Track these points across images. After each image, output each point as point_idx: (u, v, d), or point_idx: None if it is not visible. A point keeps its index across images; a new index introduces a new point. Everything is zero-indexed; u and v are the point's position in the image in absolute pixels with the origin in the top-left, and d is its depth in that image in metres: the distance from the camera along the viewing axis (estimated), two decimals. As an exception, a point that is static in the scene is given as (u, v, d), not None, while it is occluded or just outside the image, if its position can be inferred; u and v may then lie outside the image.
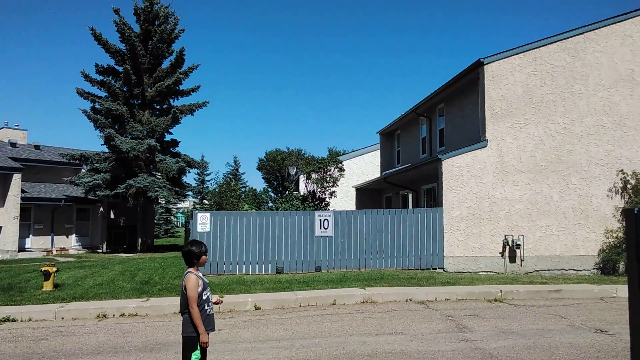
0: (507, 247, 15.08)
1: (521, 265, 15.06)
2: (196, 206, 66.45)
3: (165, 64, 29.69)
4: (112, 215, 31.07)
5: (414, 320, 9.40)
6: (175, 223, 65.78)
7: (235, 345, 7.80)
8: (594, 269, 15.20)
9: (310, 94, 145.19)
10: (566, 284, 12.79)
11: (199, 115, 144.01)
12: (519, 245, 14.93)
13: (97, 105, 27.91)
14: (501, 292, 11.70)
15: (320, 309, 10.68)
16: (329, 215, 15.18)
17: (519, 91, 15.44)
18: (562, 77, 15.58)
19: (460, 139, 17.22)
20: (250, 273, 14.63)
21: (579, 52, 15.68)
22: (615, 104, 15.64)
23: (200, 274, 4.85)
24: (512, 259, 15.11)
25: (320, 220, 15.00)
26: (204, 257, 4.87)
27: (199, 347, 4.64)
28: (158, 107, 29.60)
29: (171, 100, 29.77)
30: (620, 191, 15.51)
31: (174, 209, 57.47)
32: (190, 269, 4.80)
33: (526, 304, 10.93)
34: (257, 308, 10.80)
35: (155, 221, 41.54)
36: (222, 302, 5.03)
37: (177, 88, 29.23)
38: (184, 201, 47.51)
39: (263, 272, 14.69)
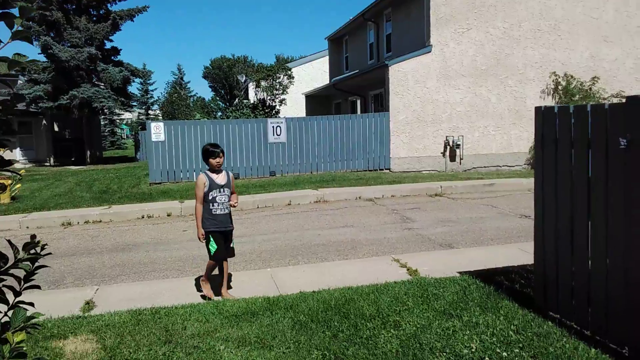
0: (448, 147, 16.18)
1: (460, 164, 16.29)
2: (141, 117, 64.78)
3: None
4: (56, 128, 30.23)
5: (363, 215, 10.37)
6: (120, 135, 64.28)
7: (199, 243, 8.50)
8: (525, 164, 16.63)
9: (254, 1, 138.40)
10: (499, 179, 14.10)
11: (140, 22, 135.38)
12: (459, 145, 16.06)
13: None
14: (441, 187, 12.84)
15: (276, 210, 11.47)
16: (282, 122, 15.65)
17: (463, -5, 15.78)
18: (504, -19, 15.97)
19: (407, 45, 17.63)
20: (207, 180, 15.15)
21: (521, -44, 15.98)
22: (551, 8, 16.30)
23: (216, 176, 5.15)
24: (453, 158, 16.29)
25: (273, 127, 15.48)
26: (212, 159, 5.13)
27: (211, 239, 5.12)
28: (95, 12, 28.03)
29: (109, 5, 28.18)
30: (552, 92, 16.63)
31: (117, 120, 55.94)
32: (206, 171, 5.23)
33: (463, 197, 12.12)
34: (217, 211, 11.46)
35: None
36: (235, 205, 5.27)
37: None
38: (129, 112, 46.32)
39: (219, 179, 15.25)
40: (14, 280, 1.60)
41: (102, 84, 27.33)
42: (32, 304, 1.57)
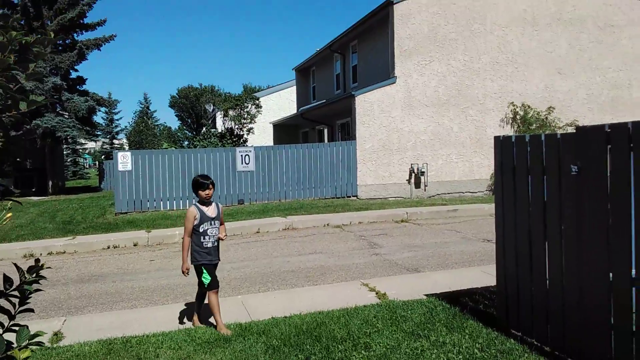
0: (413, 174, 16.58)
1: (425, 190, 16.68)
2: (105, 146, 63.78)
3: (65, -6, 27.60)
4: (17, 158, 29.52)
5: (331, 241, 10.50)
6: (83, 164, 63.02)
7: (170, 272, 8.46)
8: (486, 190, 17.15)
9: (222, 30, 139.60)
10: (462, 204, 14.51)
11: (106, 50, 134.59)
12: (423, 172, 16.48)
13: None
14: (407, 213, 13.12)
15: (245, 238, 11.49)
16: (250, 151, 15.77)
17: (425, 30, 16.44)
18: (463, 16, 16.73)
19: (372, 76, 18.15)
20: (175, 209, 15.07)
21: (479, -7, 16.83)
22: (508, 42, 17.13)
23: (206, 208, 5.06)
24: (417, 184, 16.68)
25: (242, 156, 15.57)
26: (201, 191, 5.04)
27: (204, 271, 5.05)
28: (61, 42, 27.80)
29: (75, 35, 28.01)
30: (510, 121, 17.33)
31: (80, 150, 54.90)
32: (196, 203, 5.14)
33: (428, 223, 12.41)
34: (185, 240, 11.40)
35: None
36: (224, 238, 5.21)
37: (81, 21, 27.48)
38: (94, 141, 45.56)
39: (187, 208, 15.16)
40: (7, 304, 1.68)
41: (67, 113, 26.95)
42: (26, 326, 1.65)
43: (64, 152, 42.33)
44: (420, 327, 4.64)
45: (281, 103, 33.83)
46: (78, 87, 28.58)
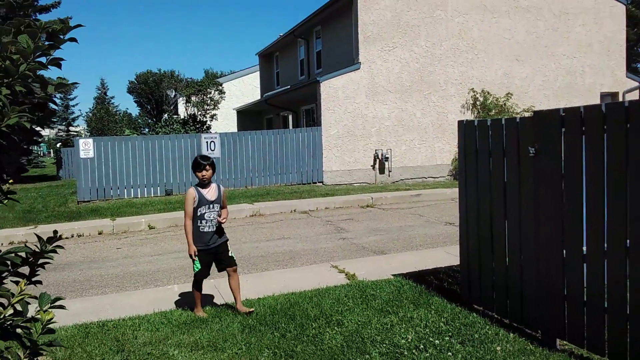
0: (378, 160, 16.88)
1: (389, 176, 17.02)
2: (60, 133, 61.76)
3: (16, -25, 26.52)
4: (-32, 147, 28.36)
5: (299, 227, 10.66)
6: (38, 152, 60.95)
7: (138, 259, 8.46)
8: (448, 175, 17.63)
9: (183, 14, 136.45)
10: (425, 189, 14.90)
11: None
12: (387, 158, 16.79)
13: None
14: (372, 198, 13.40)
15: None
16: (215, 137, 15.71)
17: (389, 16, 16.64)
18: (425, 2, 17.00)
19: (336, 61, 18.27)
20: (139, 196, 14.90)
21: (440, -20, 17.12)
22: (469, 29, 17.53)
23: (205, 190, 4.92)
24: (382, 170, 16.99)
25: (207, 142, 15.50)
26: (197, 172, 4.89)
27: (196, 259, 4.89)
28: (12, 25, 26.75)
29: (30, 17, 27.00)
30: (471, 107, 17.81)
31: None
32: (196, 185, 4.99)
33: (392, 207, 12.72)
34: (151, 227, 11.36)
35: (18, 151, 38.31)
36: (223, 221, 4.94)
37: (36, 3, 26.51)
38: (50, 128, 44.15)
39: (152, 195, 15.04)
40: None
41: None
42: (46, 293, 1.79)
43: (19, 140, 40.78)
44: (389, 304, 4.87)
45: (244, 89, 33.58)
46: (33, 72, 27.63)
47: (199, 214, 4.89)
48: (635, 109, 3.22)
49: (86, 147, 14.24)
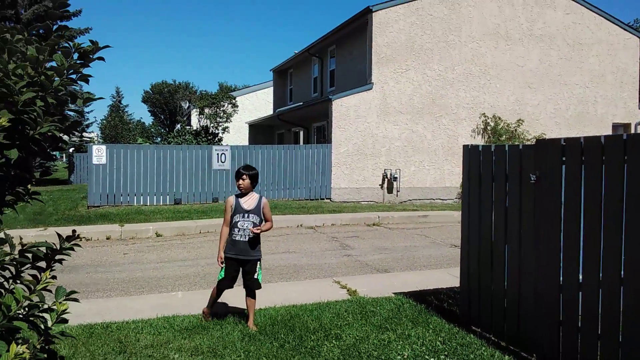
0: (386, 179, 16.98)
1: (397, 196, 17.10)
2: (73, 139, 62.64)
3: (42, -17, 27.23)
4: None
5: (305, 241, 10.76)
6: (53, 162, 61.68)
7: (144, 265, 8.59)
8: (456, 198, 17.67)
9: (200, 27, 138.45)
10: (432, 211, 14.95)
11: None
12: (396, 178, 16.89)
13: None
14: (379, 217, 13.48)
15: (219, 235, 11.64)
16: (226, 150, 15.92)
17: (402, 39, 16.88)
18: (440, 27, 17.24)
19: (349, 81, 18.50)
20: (148, 204, 15.09)
21: (455, 5, 17.36)
22: (482, 54, 17.72)
23: (243, 199, 4.92)
24: (390, 190, 17.08)
25: (218, 154, 15.71)
26: (237, 180, 4.95)
27: (222, 267, 4.94)
28: (34, 32, 27.36)
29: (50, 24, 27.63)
30: (481, 132, 17.92)
31: (50, 142, 53.62)
32: (236, 193, 5.04)
33: (399, 227, 12.79)
34: (158, 235, 11.51)
35: (32, 154, 38.90)
36: (257, 231, 4.84)
37: (57, 11, 27.12)
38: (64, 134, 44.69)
39: (161, 203, 15.23)
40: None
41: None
42: (62, 286, 1.93)
43: (33, 143, 41.43)
44: (388, 321, 4.94)
45: (258, 103, 33.95)
46: (51, 77, 28.17)
47: (233, 221, 4.91)
48: (633, 142, 3.32)
49: (99, 154, 14.49)
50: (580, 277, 3.77)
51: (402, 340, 4.44)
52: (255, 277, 4.97)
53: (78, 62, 1.90)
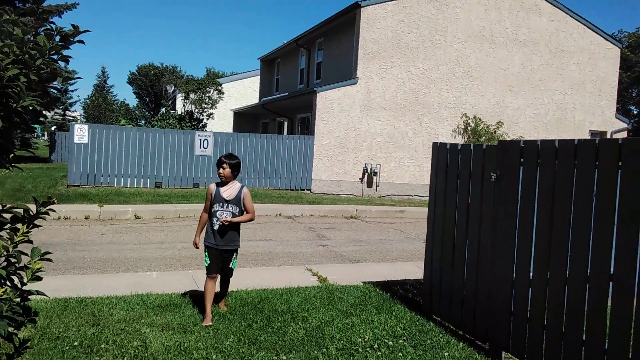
0: (366, 174, 17.24)
1: (376, 190, 17.38)
2: (55, 117, 61.84)
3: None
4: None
5: (282, 230, 10.96)
6: (33, 135, 60.84)
7: (121, 246, 8.71)
8: (434, 196, 17.98)
9: (189, 11, 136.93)
10: (410, 207, 15.26)
11: (67, 19, 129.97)
12: (376, 172, 17.16)
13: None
14: (357, 210, 13.73)
15: (197, 220, 11.77)
16: (209, 136, 16.01)
17: (389, 35, 17.09)
18: (426, 26, 17.48)
19: (335, 74, 18.67)
20: (129, 186, 15.13)
21: (442, 6, 17.61)
22: (466, 56, 18.02)
23: (223, 188, 4.83)
24: (370, 184, 17.36)
25: (201, 140, 15.79)
26: (218, 169, 4.88)
27: (206, 253, 4.88)
28: (20, 4, 26.97)
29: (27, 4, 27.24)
30: (462, 132, 18.26)
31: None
32: (218, 181, 4.96)
33: (376, 221, 13.05)
34: (137, 217, 11.60)
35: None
36: (224, 222, 4.72)
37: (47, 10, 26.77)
38: (49, 110, 44.17)
39: (142, 186, 15.28)
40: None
41: (21, 80, 26.19)
42: (37, 247, 2.10)
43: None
44: (353, 307, 5.18)
45: (244, 91, 33.92)
46: (36, 54, 27.80)
47: (212, 210, 4.84)
48: (584, 147, 3.57)
49: (81, 133, 14.48)
50: (531, 274, 4.03)
51: (365, 325, 4.68)
52: (230, 265, 4.99)
53: (59, 44, 2.06)
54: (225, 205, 4.80)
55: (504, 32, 18.36)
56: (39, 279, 2.05)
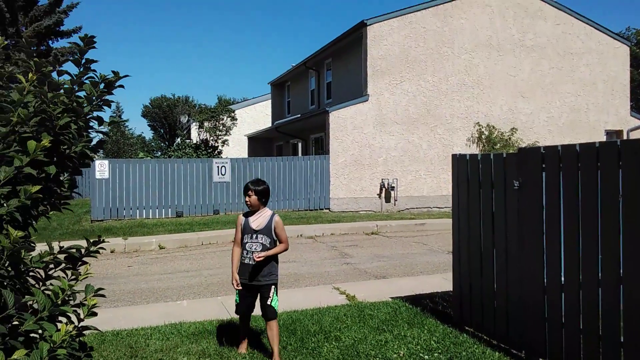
0: (384, 189, 17.26)
1: (395, 204, 17.37)
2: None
3: (43, 1, 27.75)
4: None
5: (305, 251, 11.00)
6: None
7: (148, 277, 8.81)
8: (453, 206, 17.92)
9: (197, 43, 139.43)
10: (430, 219, 15.21)
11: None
12: (394, 187, 17.17)
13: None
14: (377, 226, 13.73)
15: (221, 246, 11.89)
16: (226, 162, 16.21)
17: (397, 51, 17.26)
18: (433, 39, 17.63)
19: (346, 92, 18.85)
20: (150, 217, 15.34)
21: (447, 18, 17.77)
22: (475, 65, 18.09)
23: (252, 218, 4.45)
24: (388, 199, 17.36)
25: (218, 167, 15.99)
26: (245, 197, 4.46)
27: (237, 292, 4.44)
28: (35, 48, 27.80)
29: (50, 42, 28.09)
30: (476, 140, 18.23)
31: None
32: (247, 211, 4.56)
33: (397, 235, 13.03)
34: (161, 247, 11.74)
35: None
36: (258, 258, 4.21)
37: (58, 29, 27.62)
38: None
39: (163, 216, 15.48)
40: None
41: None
42: (90, 285, 2.19)
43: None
44: (385, 323, 5.19)
45: (256, 116, 34.32)
46: (52, 94, 28.55)
47: (242, 242, 4.44)
48: (605, 150, 3.60)
49: (102, 169, 14.76)
50: (563, 278, 4.02)
51: (399, 340, 4.68)
52: (269, 303, 4.32)
53: (103, 90, 2.18)
54: (255, 236, 4.36)
55: (510, 39, 18.42)
56: (95, 314, 2.13)
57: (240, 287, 4.30)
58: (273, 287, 4.36)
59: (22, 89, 2.00)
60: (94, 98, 2.15)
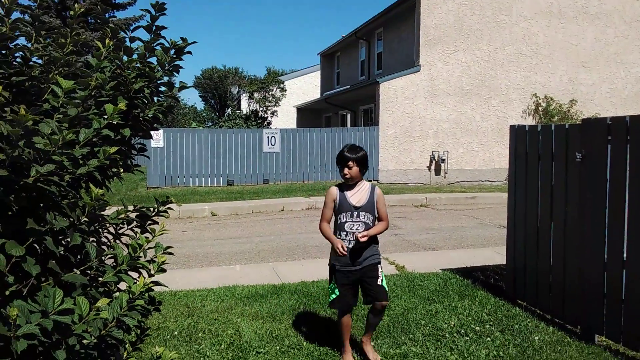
0: (434, 161, 17.01)
1: (445, 177, 17.12)
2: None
3: (98, -27, 28.36)
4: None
5: (353, 221, 11.05)
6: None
7: (202, 242, 9.12)
8: (505, 180, 17.48)
9: (248, 11, 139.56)
10: (481, 192, 14.93)
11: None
12: (444, 159, 16.89)
13: (26, 17, 26.58)
14: (426, 199, 13.61)
15: (270, 215, 12.12)
16: (276, 133, 16.36)
17: (451, 20, 16.72)
18: (490, 7, 16.95)
19: (397, 63, 18.51)
20: (203, 185, 15.78)
21: (506, -16, 17.01)
22: (534, 34, 17.32)
23: (350, 192, 3.70)
24: (438, 171, 17.11)
25: (268, 137, 16.17)
26: (341, 169, 3.71)
27: (333, 279, 3.72)
28: (92, 20, 28.63)
29: (106, 14, 28.80)
30: (532, 113, 17.59)
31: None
32: (341, 183, 3.82)
33: (446, 208, 12.89)
34: (213, 214, 12.09)
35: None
36: (362, 239, 3.50)
37: (113, 1, 28.26)
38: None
39: (215, 185, 15.89)
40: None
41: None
42: (160, 244, 2.32)
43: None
44: (434, 294, 5.20)
45: (305, 87, 34.29)
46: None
47: (338, 222, 3.69)
48: (679, 120, 3.41)
49: (157, 138, 15.22)
50: (625, 255, 3.89)
51: (449, 311, 4.69)
52: (379, 283, 3.66)
53: (173, 56, 2.25)
54: (356, 214, 3.63)
55: (573, 5, 17.47)
56: (164, 270, 2.25)
57: (345, 252, 3.53)
58: (379, 265, 3.73)
59: (100, 55, 2.09)
60: (165, 64, 2.22)
